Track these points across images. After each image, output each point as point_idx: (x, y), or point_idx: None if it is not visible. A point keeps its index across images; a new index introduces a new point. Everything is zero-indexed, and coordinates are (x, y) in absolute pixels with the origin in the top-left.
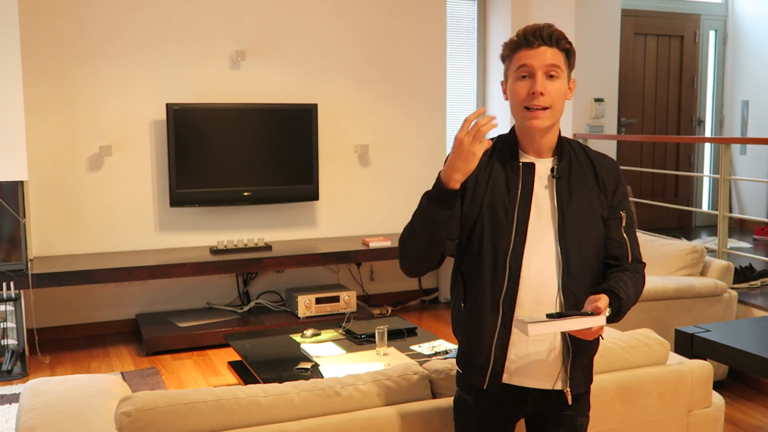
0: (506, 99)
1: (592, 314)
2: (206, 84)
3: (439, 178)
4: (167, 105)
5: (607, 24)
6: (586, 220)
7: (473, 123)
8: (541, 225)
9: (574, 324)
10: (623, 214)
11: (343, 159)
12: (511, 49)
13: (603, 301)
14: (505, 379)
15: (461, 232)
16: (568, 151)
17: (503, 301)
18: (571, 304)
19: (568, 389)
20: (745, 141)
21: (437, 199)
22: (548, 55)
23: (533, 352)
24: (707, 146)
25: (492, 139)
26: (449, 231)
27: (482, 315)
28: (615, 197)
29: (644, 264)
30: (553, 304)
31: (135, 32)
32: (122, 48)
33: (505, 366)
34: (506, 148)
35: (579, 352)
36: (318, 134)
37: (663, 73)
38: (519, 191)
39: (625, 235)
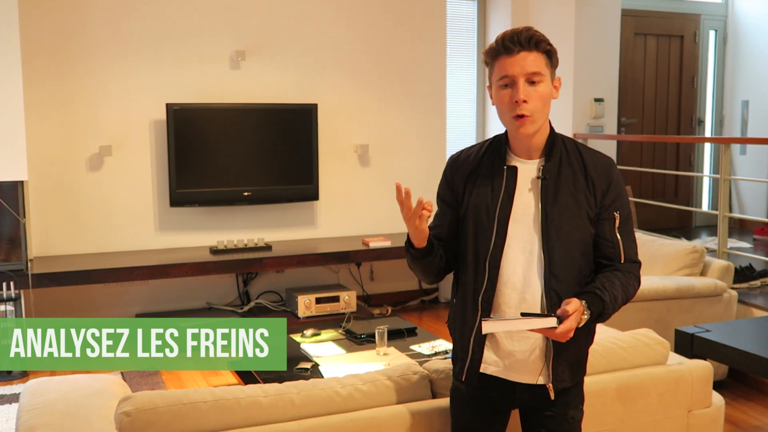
0: (493, 104)
1: (559, 317)
2: (206, 84)
3: (408, 237)
4: (167, 105)
5: (607, 24)
6: (571, 221)
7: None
8: (525, 226)
9: (526, 324)
10: (617, 214)
11: (343, 159)
12: (491, 57)
13: (572, 305)
14: (494, 372)
15: (455, 235)
16: (559, 151)
17: (482, 300)
18: (554, 303)
19: (551, 384)
20: (745, 141)
21: (414, 254)
22: (528, 61)
23: (518, 350)
24: (707, 146)
25: (487, 139)
26: (440, 261)
27: (465, 312)
28: (607, 197)
29: (639, 263)
30: (538, 303)
31: (135, 32)
32: (122, 48)
33: (482, 361)
34: (496, 150)
35: (562, 349)
36: (318, 134)
37: (663, 73)
38: (501, 194)
39: (618, 235)
